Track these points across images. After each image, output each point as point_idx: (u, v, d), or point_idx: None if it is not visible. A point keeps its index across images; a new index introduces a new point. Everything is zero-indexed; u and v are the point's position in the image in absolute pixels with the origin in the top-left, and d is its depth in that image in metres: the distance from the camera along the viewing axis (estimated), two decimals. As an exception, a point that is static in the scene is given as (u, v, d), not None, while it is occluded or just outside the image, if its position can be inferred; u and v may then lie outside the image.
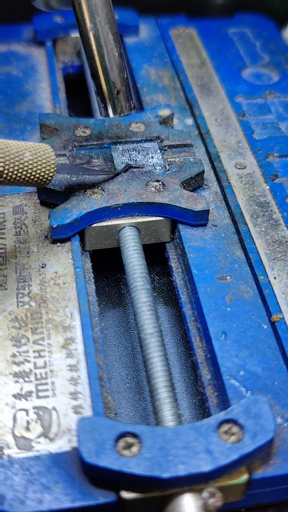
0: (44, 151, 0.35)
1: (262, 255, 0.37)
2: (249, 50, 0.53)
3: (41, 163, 0.34)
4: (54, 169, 0.35)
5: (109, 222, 0.38)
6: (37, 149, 0.34)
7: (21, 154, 0.34)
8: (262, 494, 0.30)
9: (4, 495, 0.28)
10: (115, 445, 0.28)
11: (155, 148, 0.41)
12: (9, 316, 0.34)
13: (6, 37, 0.54)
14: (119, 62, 0.37)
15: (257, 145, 0.44)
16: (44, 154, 0.35)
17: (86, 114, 0.50)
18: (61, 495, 0.28)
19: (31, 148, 0.34)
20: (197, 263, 0.37)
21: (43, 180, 0.35)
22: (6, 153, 0.33)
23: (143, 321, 0.34)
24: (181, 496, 0.28)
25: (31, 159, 0.34)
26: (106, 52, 0.37)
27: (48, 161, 0.35)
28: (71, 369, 0.32)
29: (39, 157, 0.34)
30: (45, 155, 0.35)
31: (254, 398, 0.30)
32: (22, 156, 0.34)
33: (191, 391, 0.35)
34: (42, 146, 0.35)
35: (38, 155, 0.34)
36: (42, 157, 0.34)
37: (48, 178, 0.35)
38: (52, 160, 0.35)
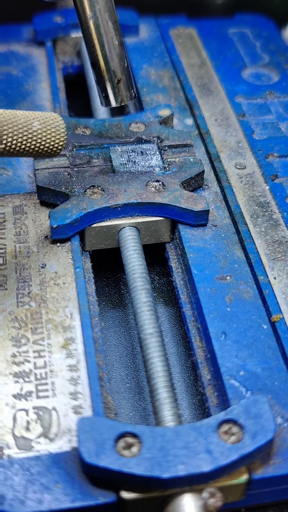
0: (53, 120, 0.34)
1: (262, 255, 0.37)
2: (249, 50, 0.53)
3: (51, 132, 0.34)
4: (64, 138, 0.34)
5: (109, 222, 0.38)
6: (46, 118, 0.34)
7: (29, 124, 0.33)
8: (262, 494, 0.30)
9: (4, 495, 0.28)
10: (115, 445, 0.28)
11: (154, 150, 0.41)
12: (9, 316, 0.34)
13: (6, 37, 0.54)
14: (120, 51, 0.37)
15: (257, 145, 0.44)
16: (53, 123, 0.34)
17: (86, 114, 0.50)
18: (61, 495, 0.28)
19: (40, 117, 0.34)
20: (197, 263, 0.37)
21: (53, 150, 0.34)
22: (14, 123, 0.32)
23: (143, 321, 0.34)
24: (181, 496, 0.28)
25: (40, 128, 0.33)
26: (106, 41, 0.37)
27: (57, 129, 0.34)
28: (71, 369, 0.32)
29: (48, 126, 0.34)
30: (54, 123, 0.34)
31: (254, 398, 0.30)
32: (30, 125, 0.33)
33: (191, 391, 0.35)
34: (51, 115, 0.34)
35: (47, 123, 0.34)
36: (51, 126, 0.34)
37: (59, 147, 0.34)
38: (62, 129, 0.34)
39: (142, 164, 0.40)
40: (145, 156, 0.41)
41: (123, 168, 0.40)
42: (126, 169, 0.40)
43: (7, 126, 0.32)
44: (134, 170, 0.40)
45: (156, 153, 0.41)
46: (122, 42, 0.37)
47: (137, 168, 0.40)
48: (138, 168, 0.40)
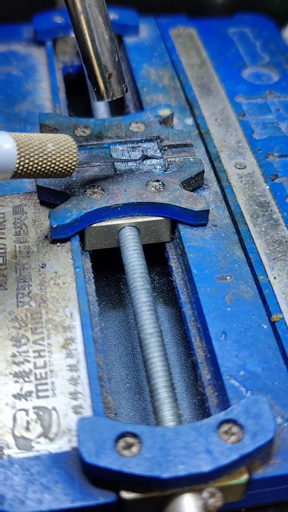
0: (65, 141, 0.35)
1: (262, 255, 0.37)
2: (249, 50, 0.53)
3: (64, 153, 0.35)
4: (76, 158, 0.36)
5: (109, 222, 0.38)
6: (58, 139, 0.35)
7: (43, 146, 0.34)
8: (262, 494, 0.30)
9: (4, 495, 0.28)
10: (115, 445, 0.28)
11: (155, 148, 0.41)
12: (9, 316, 0.34)
13: (6, 37, 0.54)
14: (110, 46, 0.37)
15: (257, 145, 0.44)
16: (65, 144, 0.35)
17: (86, 114, 0.50)
18: (61, 495, 0.28)
19: (53, 139, 0.35)
20: (197, 263, 0.37)
21: (66, 170, 0.36)
22: (29, 145, 0.33)
23: (143, 321, 0.34)
24: (181, 496, 0.28)
25: (54, 149, 0.34)
26: (97, 36, 0.37)
27: (70, 150, 0.35)
28: (71, 369, 0.32)
29: (61, 147, 0.35)
30: (66, 145, 0.35)
31: (254, 398, 0.30)
32: (45, 147, 0.34)
33: (191, 391, 0.35)
34: (63, 137, 0.35)
35: (60, 145, 0.35)
36: (64, 147, 0.35)
37: (72, 168, 0.36)
38: (74, 150, 0.35)
39: (143, 163, 0.40)
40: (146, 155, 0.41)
41: (125, 166, 0.40)
42: (127, 167, 0.40)
43: (24, 148, 0.33)
44: (136, 168, 0.40)
45: (157, 152, 0.41)
46: (112, 36, 0.37)
47: (138, 166, 0.40)
48: (139, 166, 0.40)
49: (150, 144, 0.42)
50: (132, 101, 0.50)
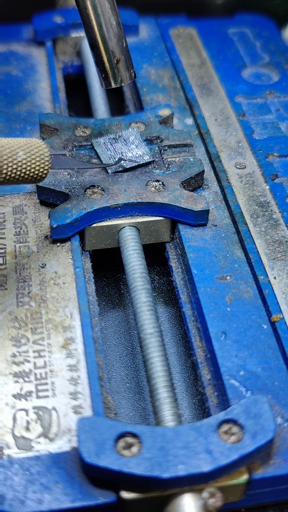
0: (37, 147, 0.34)
1: (262, 255, 0.37)
2: (249, 50, 0.53)
3: (35, 160, 0.34)
4: (48, 165, 0.34)
5: (109, 222, 0.38)
6: (30, 146, 0.34)
7: (14, 154, 0.33)
8: (262, 494, 0.30)
9: (4, 495, 0.28)
10: (115, 445, 0.28)
11: (136, 137, 0.41)
12: (9, 316, 0.34)
13: (6, 37, 0.54)
14: (118, 31, 0.37)
15: (257, 145, 0.44)
16: (38, 152, 0.34)
17: (86, 114, 0.50)
18: (61, 495, 0.28)
19: (25, 145, 0.34)
20: (197, 263, 0.37)
21: (38, 176, 0.34)
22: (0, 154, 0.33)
23: (143, 321, 0.34)
24: (181, 496, 0.28)
25: (25, 158, 0.33)
26: (104, 21, 0.37)
27: (42, 158, 0.34)
28: (71, 369, 0.32)
29: (32, 155, 0.34)
30: (39, 152, 0.34)
31: (254, 398, 0.30)
32: (15, 156, 0.33)
33: (191, 391, 0.35)
34: (36, 143, 0.34)
35: (32, 152, 0.34)
36: (36, 154, 0.34)
37: (43, 174, 0.35)
38: (46, 157, 0.34)
39: (130, 154, 0.40)
40: (129, 145, 0.41)
41: (113, 160, 0.40)
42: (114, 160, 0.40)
43: None
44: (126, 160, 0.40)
45: (140, 141, 0.41)
46: (119, 22, 0.37)
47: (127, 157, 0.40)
48: (128, 157, 0.40)
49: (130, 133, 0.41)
50: (132, 101, 0.50)
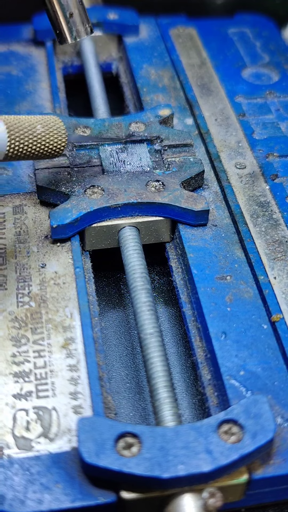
0: (53, 122, 0.35)
1: (262, 255, 0.37)
2: (249, 50, 0.53)
3: (53, 134, 0.35)
4: (65, 139, 0.36)
5: (109, 222, 0.38)
6: (47, 121, 0.35)
7: (33, 127, 0.34)
8: (262, 494, 0.30)
9: (4, 495, 0.28)
10: (115, 445, 0.28)
11: (143, 149, 0.41)
12: (9, 316, 0.34)
13: (6, 37, 0.54)
14: None
15: (257, 145, 0.44)
16: (54, 125, 0.35)
17: (86, 114, 0.50)
18: (61, 495, 0.28)
19: (42, 120, 0.35)
20: (197, 263, 0.37)
21: (56, 151, 0.36)
22: (19, 127, 0.33)
23: (143, 321, 0.34)
24: (181, 496, 0.28)
25: (43, 131, 0.34)
26: None
27: (59, 131, 0.35)
28: (71, 369, 0.32)
29: (50, 129, 0.35)
30: (55, 125, 0.35)
31: (254, 398, 0.30)
32: (34, 129, 0.34)
33: (191, 391, 0.35)
34: (51, 118, 0.35)
35: (49, 126, 0.35)
36: (53, 127, 0.35)
37: (61, 148, 0.36)
38: (63, 130, 0.35)
39: (132, 164, 0.40)
40: (134, 156, 0.41)
41: (113, 167, 0.40)
42: (115, 169, 0.40)
43: (14, 131, 0.33)
44: (123, 169, 0.40)
45: (146, 152, 0.41)
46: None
47: (126, 167, 0.40)
48: (127, 167, 0.40)
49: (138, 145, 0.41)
50: (132, 101, 0.50)
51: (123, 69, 0.54)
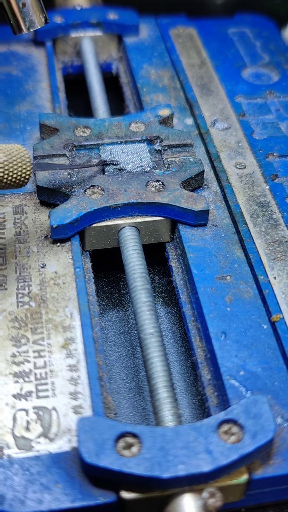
0: (17, 151, 0.34)
1: (262, 255, 0.37)
2: (249, 50, 0.53)
3: (16, 163, 0.34)
4: (30, 168, 0.34)
5: (109, 222, 0.38)
6: (10, 150, 0.34)
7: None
8: (262, 494, 0.30)
9: (4, 495, 0.28)
10: (115, 445, 0.28)
11: (143, 149, 0.41)
12: (9, 316, 0.34)
13: (6, 37, 0.54)
14: None
15: (257, 145, 0.44)
16: (18, 154, 0.34)
17: (86, 114, 0.50)
18: (61, 495, 0.28)
19: (5, 149, 0.34)
20: (197, 263, 0.37)
21: (20, 180, 0.34)
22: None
23: (143, 321, 0.34)
24: (181, 496, 0.28)
25: (6, 160, 0.33)
26: None
27: (23, 160, 0.34)
28: (71, 369, 0.32)
29: (13, 158, 0.34)
30: (19, 154, 0.34)
31: (254, 398, 0.29)
32: None
33: (191, 391, 0.35)
34: (16, 147, 0.34)
35: (13, 155, 0.34)
36: (17, 157, 0.34)
37: (26, 178, 0.34)
38: (27, 160, 0.34)
39: (132, 164, 0.40)
40: (134, 156, 0.41)
41: (113, 168, 0.40)
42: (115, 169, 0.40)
43: None
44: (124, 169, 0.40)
45: (147, 156, 0.41)
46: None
47: (127, 167, 0.40)
48: (128, 167, 0.40)
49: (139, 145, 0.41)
50: (132, 101, 0.50)
51: (123, 69, 0.54)
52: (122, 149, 0.41)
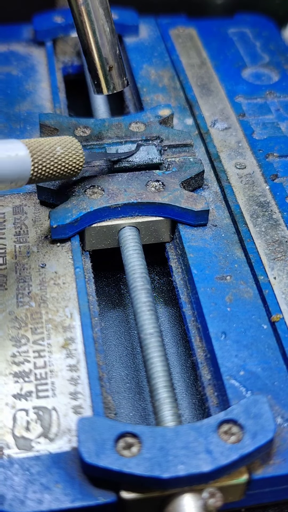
0: (71, 142, 0.36)
1: (262, 255, 0.37)
2: (249, 50, 0.53)
3: (72, 154, 0.36)
4: (83, 158, 0.37)
5: (109, 222, 0.38)
6: (65, 141, 0.36)
7: (53, 150, 0.35)
8: (262, 494, 0.30)
9: (4, 495, 0.28)
10: (115, 445, 0.28)
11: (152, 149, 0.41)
12: (9, 316, 0.34)
13: (6, 37, 0.54)
14: (111, 38, 0.37)
15: (257, 145, 0.44)
16: (72, 146, 0.36)
17: (86, 114, 0.50)
18: (61, 495, 0.28)
19: (60, 142, 0.36)
20: (197, 263, 0.37)
21: (75, 170, 0.36)
22: (41, 150, 0.34)
23: (143, 321, 0.34)
24: (181, 496, 0.28)
25: (63, 151, 0.35)
26: (98, 27, 0.37)
27: (77, 151, 0.36)
28: (71, 369, 0.32)
29: (69, 149, 0.36)
30: (73, 146, 0.36)
31: (254, 398, 0.30)
32: (54, 151, 0.35)
33: (191, 391, 0.35)
34: (68, 139, 0.36)
35: (68, 147, 0.36)
36: (71, 148, 0.36)
37: (80, 168, 0.37)
38: (80, 150, 0.36)
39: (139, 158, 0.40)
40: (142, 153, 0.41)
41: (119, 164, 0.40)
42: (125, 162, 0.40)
43: (36, 154, 0.34)
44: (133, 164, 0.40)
45: (155, 151, 0.41)
46: (113, 29, 0.37)
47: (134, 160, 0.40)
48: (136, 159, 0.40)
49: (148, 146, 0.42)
50: (132, 101, 0.50)
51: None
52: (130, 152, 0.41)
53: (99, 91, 0.38)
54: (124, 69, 0.38)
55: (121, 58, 0.38)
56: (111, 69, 0.37)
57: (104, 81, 0.38)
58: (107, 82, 0.38)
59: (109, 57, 0.37)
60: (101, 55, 0.37)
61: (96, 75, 0.38)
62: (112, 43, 0.37)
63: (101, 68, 0.37)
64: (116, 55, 0.37)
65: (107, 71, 0.37)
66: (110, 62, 0.37)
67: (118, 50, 0.38)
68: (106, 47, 0.37)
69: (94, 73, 0.38)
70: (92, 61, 0.37)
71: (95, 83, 0.38)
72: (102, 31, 0.37)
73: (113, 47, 0.37)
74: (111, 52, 0.37)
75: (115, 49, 0.37)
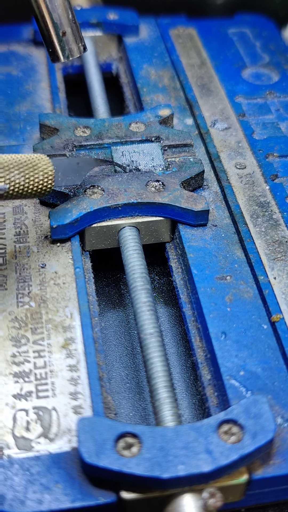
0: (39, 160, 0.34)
1: (262, 255, 0.37)
2: (249, 50, 0.53)
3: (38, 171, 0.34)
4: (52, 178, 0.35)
5: (109, 222, 0.38)
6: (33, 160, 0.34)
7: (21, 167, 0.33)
8: (262, 494, 0.30)
9: (4, 495, 0.28)
10: (115, 445, 0.28)
11: (157, 150, 0.41)
12: (9, 316, 0.34)
13: (6, 37, 0.54)
14: (62, 2, 0.36)
15: (257, 145, 0.44)
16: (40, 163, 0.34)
17: (86, 114, 0.50)
18: (61, 495, 0.28)
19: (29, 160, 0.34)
20: (197, 263, 0.37)
21: (43, 190, 0.35)
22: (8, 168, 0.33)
23: (143, 321, 0.34)
24: (181, 496, 0.28)
25: (32, 170, 0.34)
26: None
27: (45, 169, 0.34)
28: (71, 369, 0.32)
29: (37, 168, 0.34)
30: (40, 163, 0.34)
31: (254, 398, 0.30)
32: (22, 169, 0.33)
33: (191, 391, 0.35)
34: (38, 157, 0.34)
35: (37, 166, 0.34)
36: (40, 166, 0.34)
37: (49, 187, 0.35)
38: (50, 168, 0.34)
39: (144, 164, 0.40)
40: (147, 156, 0.41)
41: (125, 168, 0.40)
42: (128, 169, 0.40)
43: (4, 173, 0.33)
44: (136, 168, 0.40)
45: (159, 154, 0.41)
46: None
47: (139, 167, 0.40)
48: (140, 167, 0.40)
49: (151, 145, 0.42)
50: (132, 101, 0.50)
51: (123, 69, 0.54)
52: (134, 149, 0.41)
53: (55, 59, 0.37)
54: (80, 35, 0.37)
55: (75, 23, 0.37)
56: (64, 34, 0.36)
57: (59, 47, 0.36)
58: (62, 48, 0.36)
59: (62, 22, 0.36)
60: (52, 19, 0.36)
61: (50, 41, 0.36)
62: (64, 6, 0.36)
63: (54, 33, 0.36)
64: (70, 20, 0.36)
65: (60, 36, 0.36)
66: (63, 28, 0.36)
67: (72, 15, 0.36)
68: (56, 11, 0.36)
69: (48, 40, 0.36)
70: (44, 27, 0.36)
71: (49, 51, 0.37)
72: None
73: (65, 11, 0.36)
74: (63, 16, 0.36)
75: (68, 13, 0.36)
